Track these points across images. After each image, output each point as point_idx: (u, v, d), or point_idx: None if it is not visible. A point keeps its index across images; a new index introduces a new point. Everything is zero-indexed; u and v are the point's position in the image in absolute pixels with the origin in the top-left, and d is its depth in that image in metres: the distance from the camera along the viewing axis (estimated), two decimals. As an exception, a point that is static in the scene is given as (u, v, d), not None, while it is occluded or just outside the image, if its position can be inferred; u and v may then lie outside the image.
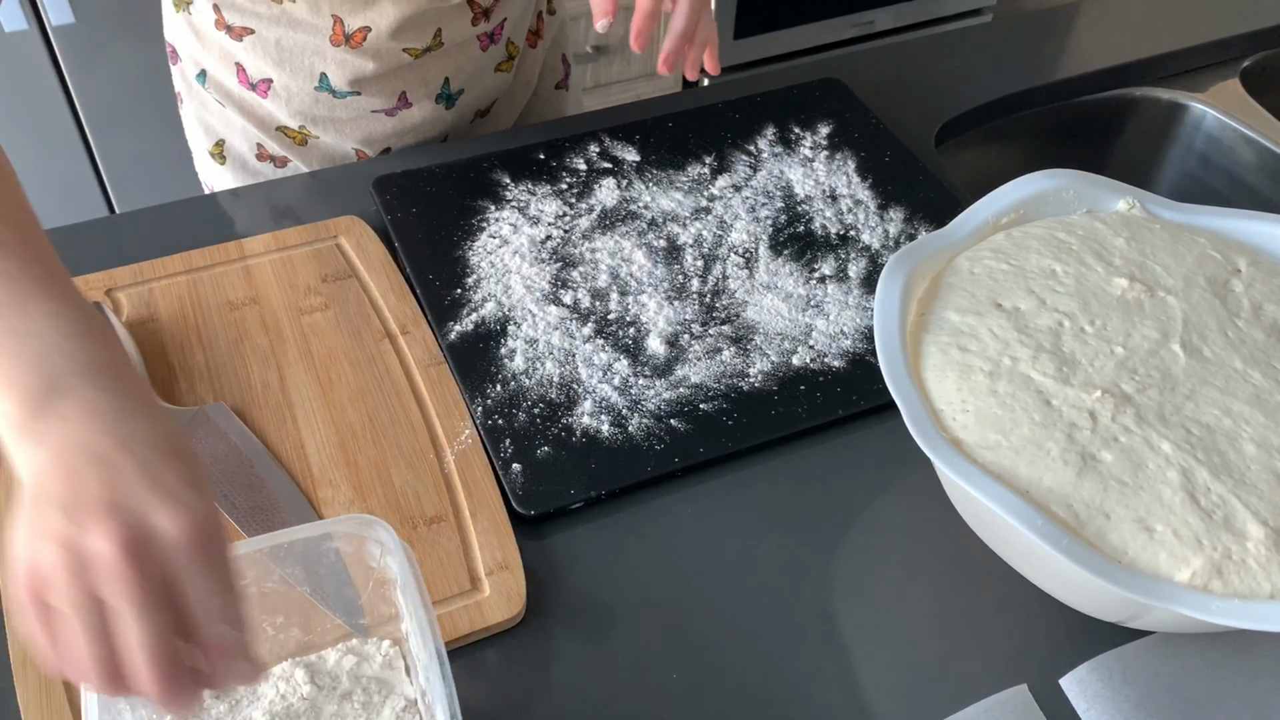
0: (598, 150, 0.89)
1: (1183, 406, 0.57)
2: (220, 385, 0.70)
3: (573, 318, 0.75)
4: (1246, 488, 0.53)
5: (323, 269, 0.78)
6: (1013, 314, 0.61)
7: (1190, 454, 0.54)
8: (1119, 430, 0.55)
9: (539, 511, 0.64)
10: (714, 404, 0.70)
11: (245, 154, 0.94)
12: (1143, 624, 0.56)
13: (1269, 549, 0.51)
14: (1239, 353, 0.59)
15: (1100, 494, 0.53)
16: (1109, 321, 0.61)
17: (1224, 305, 0.62)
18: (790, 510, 0.66)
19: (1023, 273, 0.63)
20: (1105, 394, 0.57)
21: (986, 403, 0.57)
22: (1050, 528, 0.51)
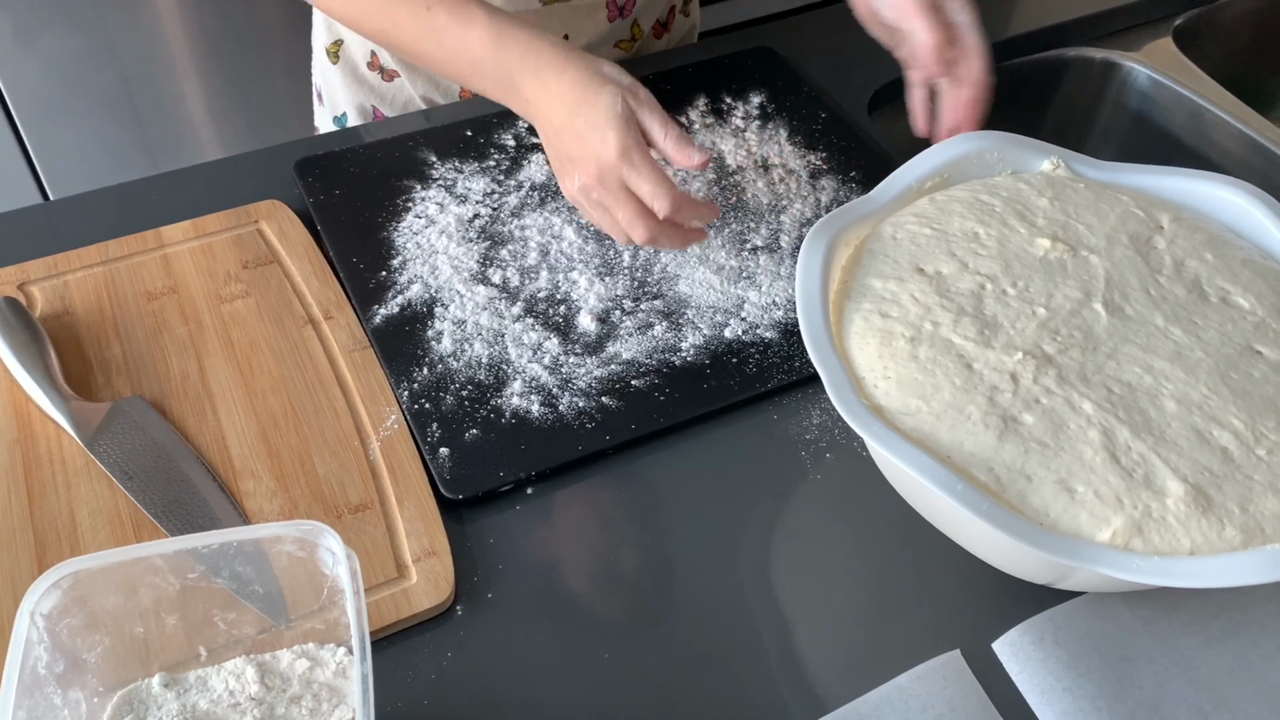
0: (526, 126, 0.87)
1: (1104, 366, 0.56)
2: (138, 378, 0.68)
3: (502, 297, 0.74)
4: (1167, 445, 0.53)
5: (243, 255, 0.76)
6: (934, 278, 0.60)
7: (1111, 413, 0.54)
8: (1040, 392, 0.55)
9: (467, 495, 0.63)
10: (646, 380, 0.69)
11: (358, 59, 0.96)
12: (1070, 585, 0.56)
13: (1188, 506, 0.51)
14: (1160, 310, 0.59)
15: (1021, 456, 0.53)
16: (1031, 282, 0.60)
17: (1146, 263, 0.62)
18: (725, 484, 0.65)
19: (945, 236, 0.63)
20: (1027, 355, 0.56)
21: (908, 368, 0.56)
22: (970, 492, 0.50)
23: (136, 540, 0.60)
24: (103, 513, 0.61)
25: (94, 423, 0.64)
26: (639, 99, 0.65)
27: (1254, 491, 0.52)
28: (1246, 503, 0.52)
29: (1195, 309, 0.59)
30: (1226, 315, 0.59)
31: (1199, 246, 0.63)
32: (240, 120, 1.91)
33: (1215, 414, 0.54)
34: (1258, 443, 0.53)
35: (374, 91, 0.99)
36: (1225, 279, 0.61)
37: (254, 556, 0.46)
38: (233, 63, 1.83)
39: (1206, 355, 0.57)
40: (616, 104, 0.64)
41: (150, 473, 0.62)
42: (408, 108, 0.99)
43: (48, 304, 0.72)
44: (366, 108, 1.00)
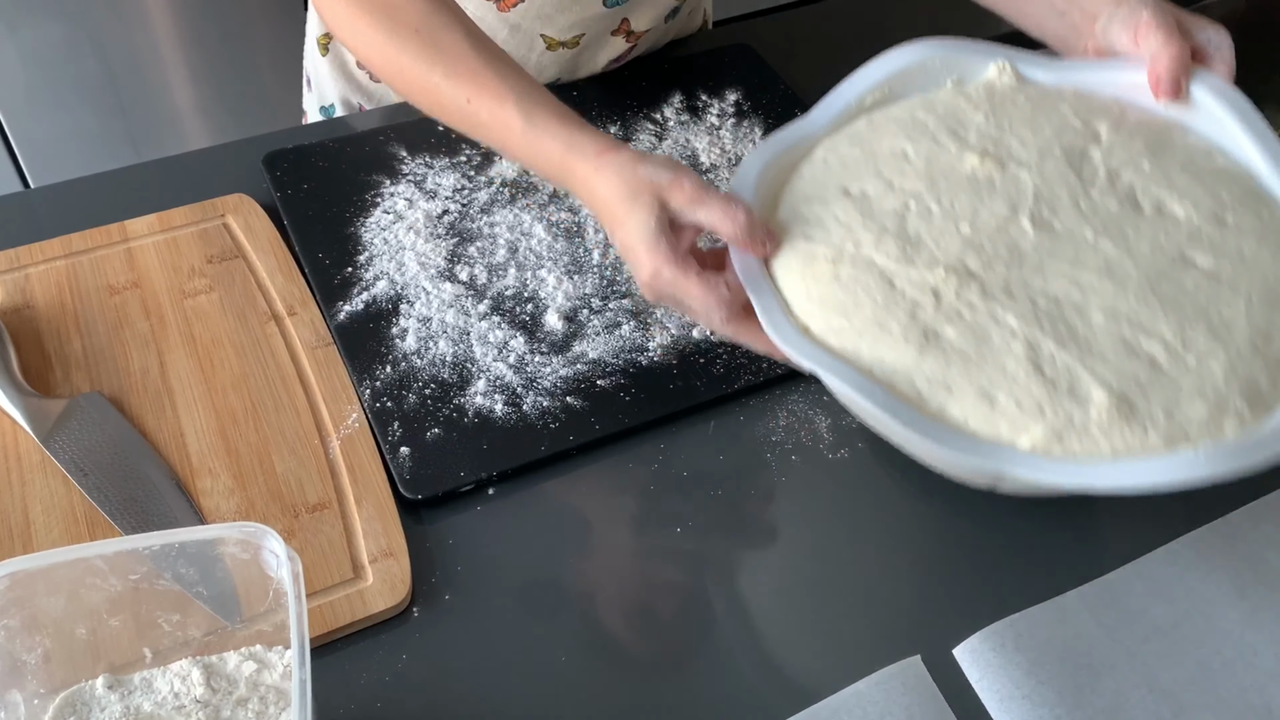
0: (499, 121, 0.86)
1: (1030, 280, 0.56)
2: (97, 373, 0.67)
3: (468, 295, 0.73)
4: (1093, 356, 0.53)
5: (208, 250, 0.75)
6: (859, 199, 0.60)
7: (1036, 325, 0.54)
8: (963, 306, 0.55)
9: (427, 495, 0.62)
10: (611, 380, 0.68)
11: (347, 55, 0.95)
12: (1007, 489, 0.57)
13: (1111, 414, 0.51)
14: (1090, 224, 0.59)
15: (943, 369, 0.53)
16: (957, 200, 0.60)
17: (1079, 176, 0.61)
18: (689, 486, 0.65)
19: (874, 157, 0.62)
20: (949, 272, 0.56)
21: (830, 289, 0.57)
22: (890, 399, 0.52)
23: (90, 538, 0.59)
24: (57, 510, 0.60)
25: (51, 418, 0.63)
26: (685, 195, 0.58)
27: (1181, 398, 0.52)
28: (1173, 409, 0.52)
29: (1127, 221, 0.59)
30: (1160, 226, 0.58)
31: (1136, 155, 0.62)
32: (225, 111, 1.90)
33: (1144, 324, 0.54)
34: (1187, 350, 0.53)
35: (361, 89, 0.98)
36: (1161, 187, 0.60)
37: (197, 558, 0.46)
38: (218, 53, 1.82)
39: (1136, 267, 0.56)
40: (649, 222, 0.58)
41: (106, 470, 0.61)
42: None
43: (7, 297, 0.71)
44: (353, 103, 0.99)
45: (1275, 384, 0.53)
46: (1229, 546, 0.63)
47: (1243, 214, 0.59)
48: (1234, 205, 0.59)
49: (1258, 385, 0.53)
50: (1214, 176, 0.61)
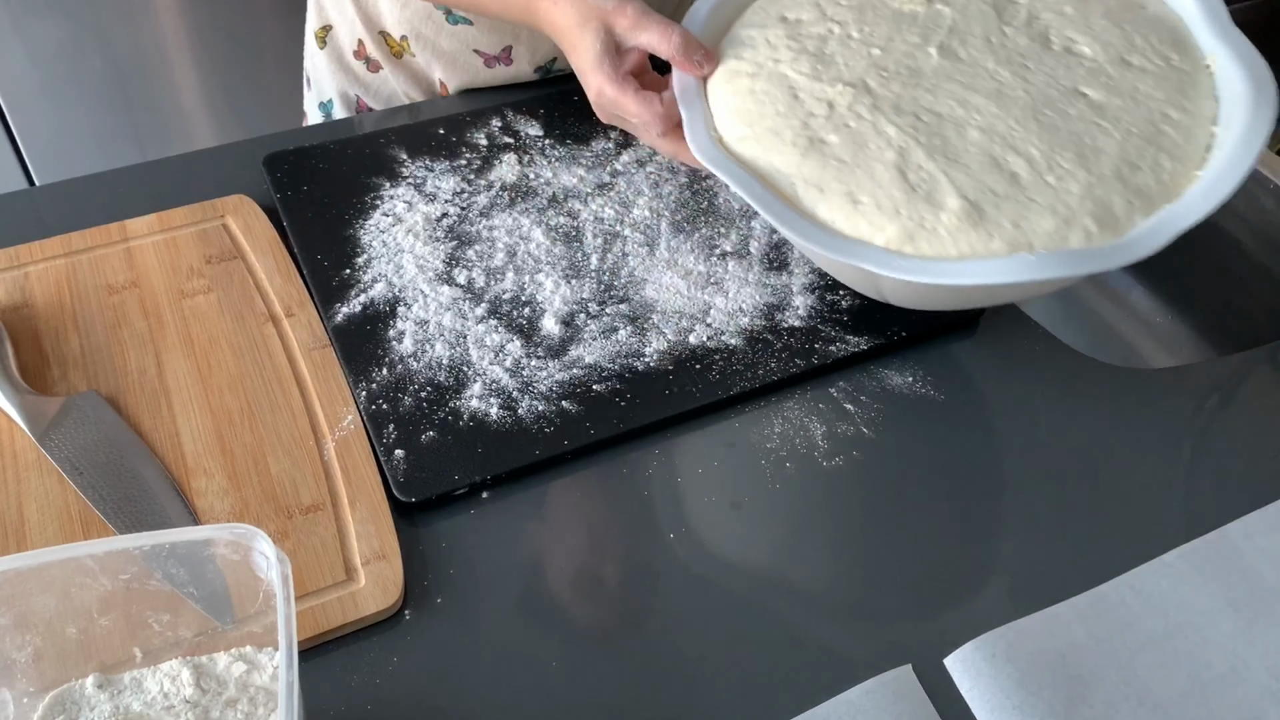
0: (500, 125, 0.87)
1: (920, 98, 0.60)
2: (94, 373, 0.67)
3: (466, 298, 0.73)
4: (958, 167, 0.57)
5: (207, 250, 0.75)
6: (793, 24, 0.66)
7: (913, 137, 0.59)
8: (851, 117, 0.60)
9: (420, 498, 0.62)
10: (607, 384, 0.69)
11: (345, 46, 0.97)
12: (891, 298, 0.63)
13: (960, 219, 0.56)
14: (995, 55, 0.62)
15: (820, 172, 0.59)
16: (876, 29, 0.65)
17: (999, 15, 0.64)
18: (683, 492, 0.65)
19: None
20: (847, 86, 0.62)
21: (744, 101, 0.63)
22: (766, 197, 0.57)
23: (84, 537, 0.59)
24: (52, 508, 0.60)
25: (47, 417, 0.64)
26: (627, 20, 0.66)
27: (1031, 211, 0.56)
28: (1020, 220, 0.56)
29: (1033, 56, 0.62)
30: (1063, 62, 0.61)
31: (1072, 4, 0.64)
32: (229, 110, 1.91)
33: (1015, 144, 0.58)
34: (1050, 170, 0.57)
35: (358, 81, 0.98)
36: (1076, 30, 0.63)
37: (188, 559, 0.46)
38: (224, 52, 1.83)
39: (1027, 95, 0.60)
40: (595, 46, 0.67)
41: (101, 469, 0.62)
42: (390, 101, 0.99)
43: (6, 295, 0.71)
44: (350, 96, 1.00)
45: (1131, 212, 0.56)
46: (1223, 559, 0.63)
47: (1151, 57, 0.62)
48: (1146, 49, 0.62)
49: (1111, 209, 0.56)
50: (1137, 23, 0.64)
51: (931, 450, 0.68)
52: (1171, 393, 0.73)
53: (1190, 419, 0.71)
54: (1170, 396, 0.73)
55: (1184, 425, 0.71)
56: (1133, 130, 0.58)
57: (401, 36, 0.93)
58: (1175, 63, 0.62)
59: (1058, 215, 0.55)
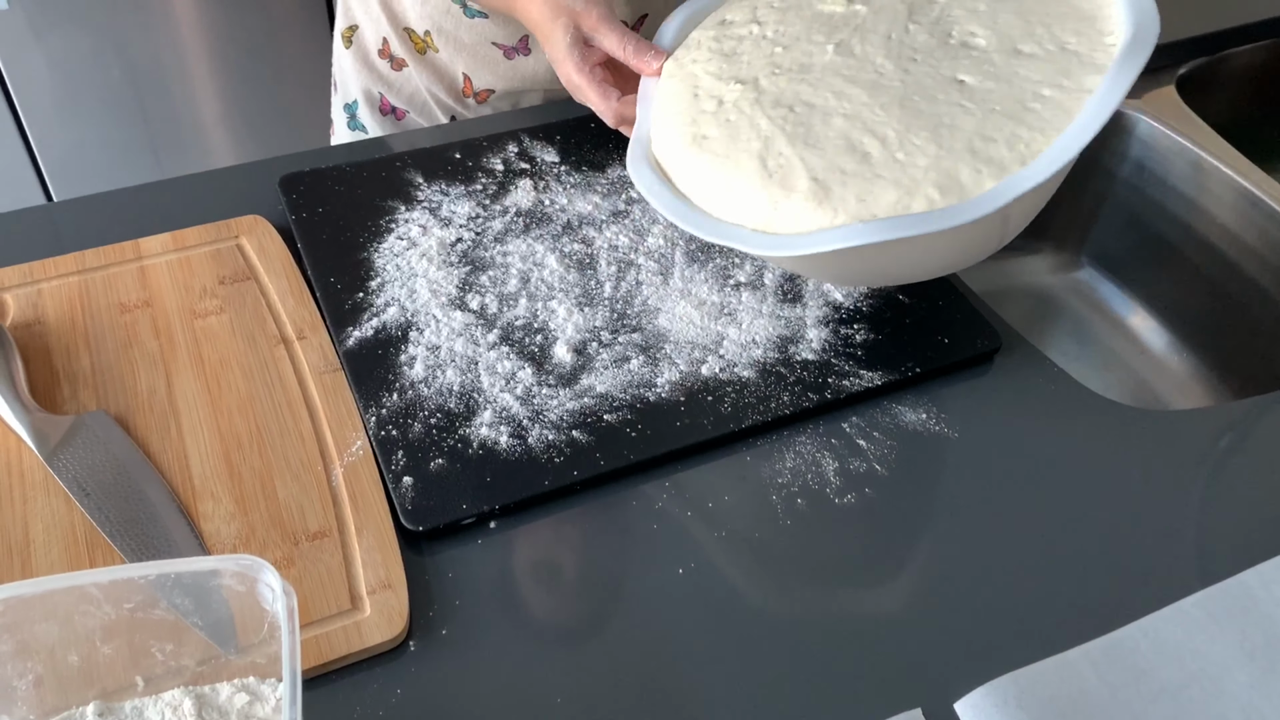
0: (516, 150, 0.87)
1: (801, 92, 0.64)
2: (104, 392, 0.67)
3: (478, 324, 0.73)
4: (814, 151, 0.61)
5: (221, 270, 0.75)
6: (725, 26, 0.70)
7: (780, 127, 0.62)
8: (733, 112, 0.65)
9: (428, 527, 0.62)
10: (618, 415, 0.68)
11: (370, 46, 0.99)
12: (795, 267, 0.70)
13: (808, 199, 0.60)
14: (887, 50, 0.65)
15: (703, 165, 0.64)
16: (791, 29, 0.68)
17: (910, 13, 0.66)
18: (693, 526, 0.64)
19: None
20: (738, 84, 0.66)
21: (662, 101, 0.69)
22: (660, 191, 0.63)
23: (89, 559, 0.59)
24: (57, 529, 0.60)
25: (55, 436, 0.63)
26: (589, 22, 0.74)
27: (876, 186, 0.59)
28: (865, 195, 0.59)
29: (924, 50, 0.64)
30: (952, 54, 0.64)
31: (987, 2, 0.65)
32: (246, 125, 1.92)
33: (874, 127, 0.61)
34: (901, 148, 0.59)
35: (382, 79, 1.00)
36: (980, 24, 0.65)
37: (193, 589, 0.45)
38: (243, 66, 1.84)
39: (902, 84, 0.62)
40: (565, 39, 0.74)
41: (108, 490, 0.61)
42: (413, 99, 1.00)
43: (19, 312, 0.71)
44: (374, 94, 1.01)
45: (980, 179, 0.58)
46: (1239, 607, 0.62)
47: (1045, 44, 0.63)
48: (1043, 38, 0.63)
49: (957, 178, 0.58)
50: (1048, 14, 0.64)
51: (944, 489, 0.67)
52: (1187, 435, 0.72)
53: (1206, 462, 0.71)
54: (1186, 438, 0.72)
55: (1199, 468, 0.70)
56: (996, 109, 0.60)
57: (425, 32, 0.95)
58: (1070, 46, 0.63)
59: (901, 187, 0.58)
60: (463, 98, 0.99)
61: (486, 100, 0.98)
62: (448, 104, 0.99)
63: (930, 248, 0.62)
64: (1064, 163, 0.57)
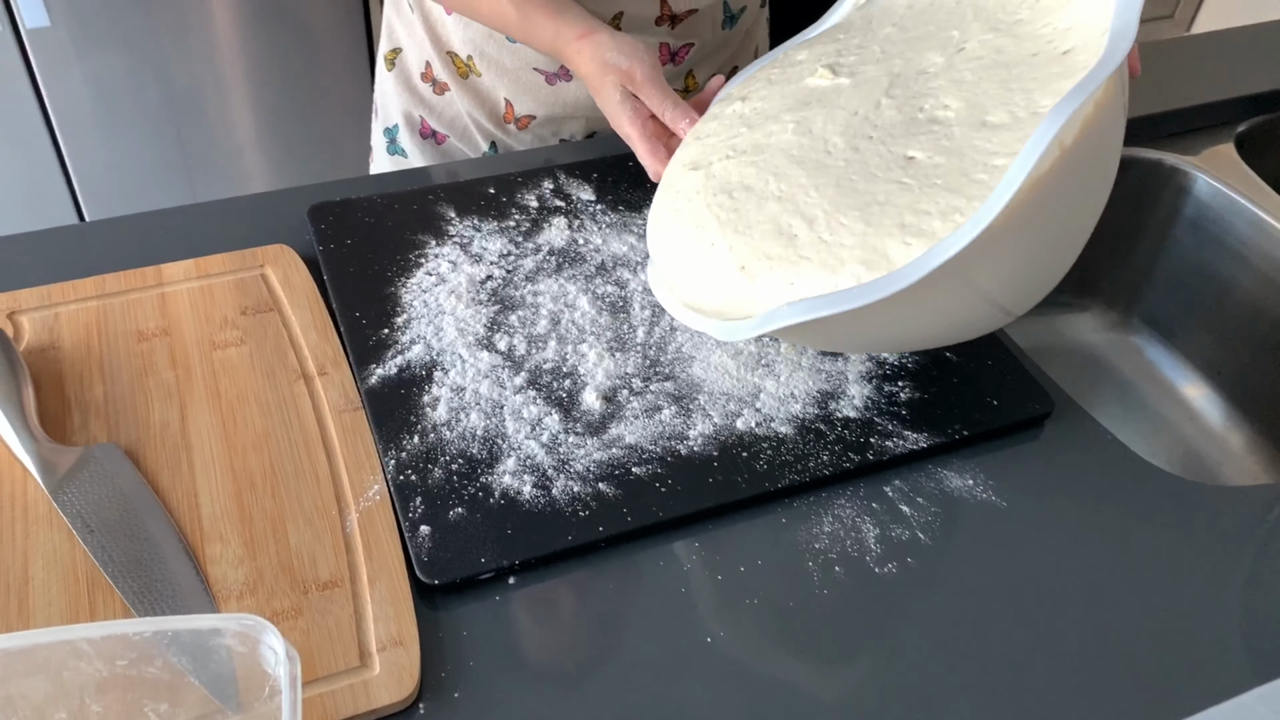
0: (551, 187, 0.84)
1: (745, 175, 0.64)
2: (116, 423, 0.65)
3: (505, 365, 0.70)
4: (744, 238, 0.61)
5: (243, 300, 0.73)
6: (726, 101, 0.71)
7: (716, 215, 0.63)
8: (684, 200, 0.66)
9: (444, 581, 0.59)
10: (648, 468, 0.65)
11: (412, 69, 0.99)
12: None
13: (735, 285, 0.60)
14: (845, 128, 0.63)
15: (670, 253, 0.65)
16: (768, 105, 0.68)
17: (889, 86, 0.64)
18: (724, 590, 0.61)
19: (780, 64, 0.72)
20: (694, 169, 0.67)
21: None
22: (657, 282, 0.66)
23: (89, 600, 0.56)
24: (58, 566, 0.57)
25: (62, 468, 0.61)
26: (635, 81, 0.75)
27: (802, 269, 0.58)
28: (793, 279, 0.58)
29: (886, 126, 0.62)
30: (913, 129, 0.61)
31: (976, 71, 0.62)
32: (281, 150, 1.91)
33: (804, 209, 0.60)
34: (828, 228, 0.59)
35: (424, 103, 0.98)
36: (957, 96, 0.61)
37: (190, 648, 0.42)
38: (280, 92, 1.84)
39: (845, 163, 0.61)
40: (615, 95, 0.76)
41: (113, 528, 0.59)
42: (454, 124, 0.98)
43: (35, 336, 0.69)
44: (415, 118, 0.99)
45: (909, 251, 0.56)
46: (1308, 705, 0.57)
47: (1017, 111, 0.59)
48: (1016, 105, 0.59)
49: (885, 252, 0.57)
50: (1039, 78, 0.60)
51: (990, 562, 0.63)
52: (1245, 513, 0.68)
53: (1263, 543, 0.66)
54: (1243, 517, 0.68)
55: (1257, 549, 0.66)
56: (937, 183, 0.58)
57: (467, 56, 0.94)
58: (1043, 108, 0.59)
59: (827, 267, 0.58)
60: (504, 123, 0.97)
61: (528, 126, 0.96)
62: (488, 129, 0.97)
63: (891, 322, 0.59)
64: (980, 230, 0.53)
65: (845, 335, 0.63)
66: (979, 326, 0.63)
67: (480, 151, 0.99)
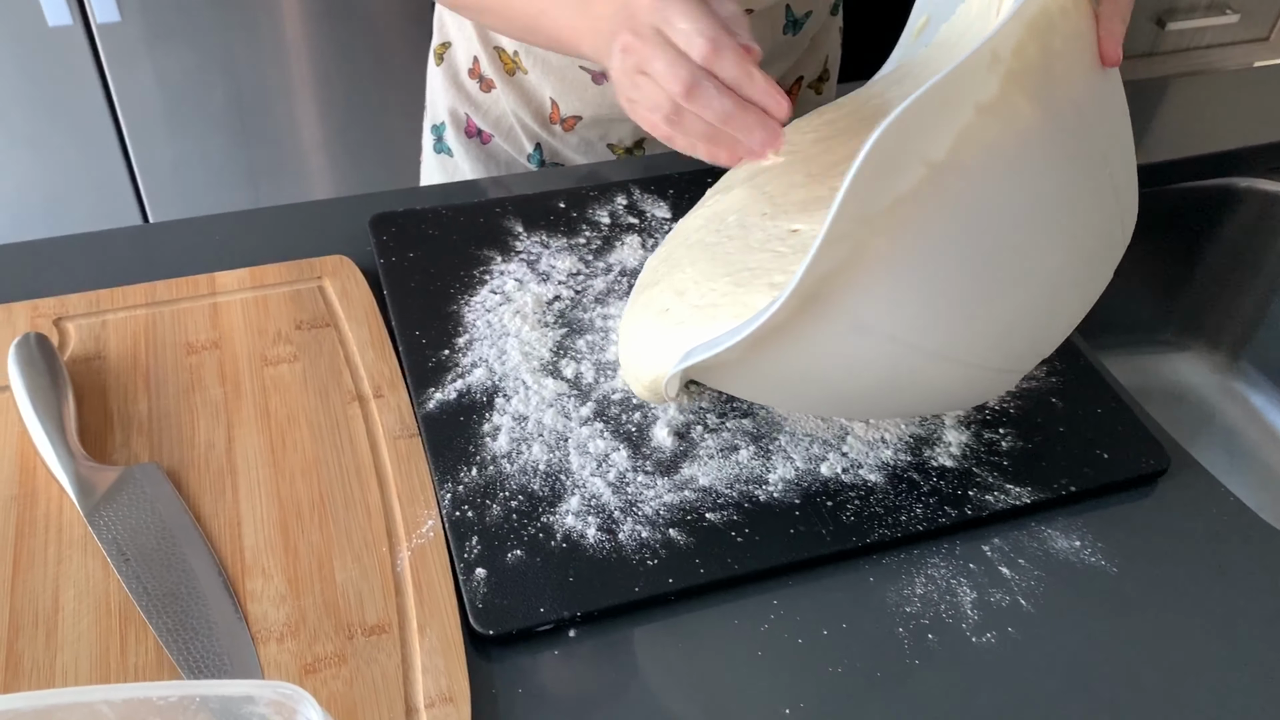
0: (625, 203, 0.79)
1: (659, 269, 0.64)
2: (159, 441, 0.61)
3: (571, 394, 0.65)
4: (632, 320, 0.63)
5: (299, 314, 0.69)
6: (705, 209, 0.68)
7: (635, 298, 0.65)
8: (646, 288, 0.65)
9: (499, 632, 0.54)
10: (723, 514, 0.60)
11: (460, 64, 0.95)
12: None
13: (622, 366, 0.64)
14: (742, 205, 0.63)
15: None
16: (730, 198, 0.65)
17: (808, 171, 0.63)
18: (803, 655, 0.55)
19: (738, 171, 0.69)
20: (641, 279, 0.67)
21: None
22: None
23: (121, 635, 0.52)
24: (90, 596, 0.54)
25: (100, 489, 0.57)
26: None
27: (678, 334, 0.58)
28: (671, 346, 0.58)
29: (786, 206, 0.61)
30: (811, 207, 0.60)
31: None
32: (347, 154, 1.89)
33: (676, 285, 0.61)
34: (698, 295, 0.59)
35: (470, 100, 0.95)
36: None
37: (221, 714, 0.38)
38: (348, 94, 1.81)
39: (729, 239, 0.61)
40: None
41: (149, 557, 0.55)
42: (499, 124, 0.94)
43: (80, 345, 0.66)
44: (460, 115, 0.96)
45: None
46: None
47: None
48: None
49: (754, 305, 0.56)
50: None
51: (1100, 634, 0.57)
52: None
53: None
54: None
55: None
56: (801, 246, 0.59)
57: (514, 52, 0.90)
58: None
59: (701, 326, 0.58)
60: (549, 124, 0.92)
61: (574, 128, 0.92)
62: (534, 130, 0.93)
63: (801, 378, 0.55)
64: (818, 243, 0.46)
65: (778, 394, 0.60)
66: (941, 385, 0.55)
67: (525, 153, 0.95)
